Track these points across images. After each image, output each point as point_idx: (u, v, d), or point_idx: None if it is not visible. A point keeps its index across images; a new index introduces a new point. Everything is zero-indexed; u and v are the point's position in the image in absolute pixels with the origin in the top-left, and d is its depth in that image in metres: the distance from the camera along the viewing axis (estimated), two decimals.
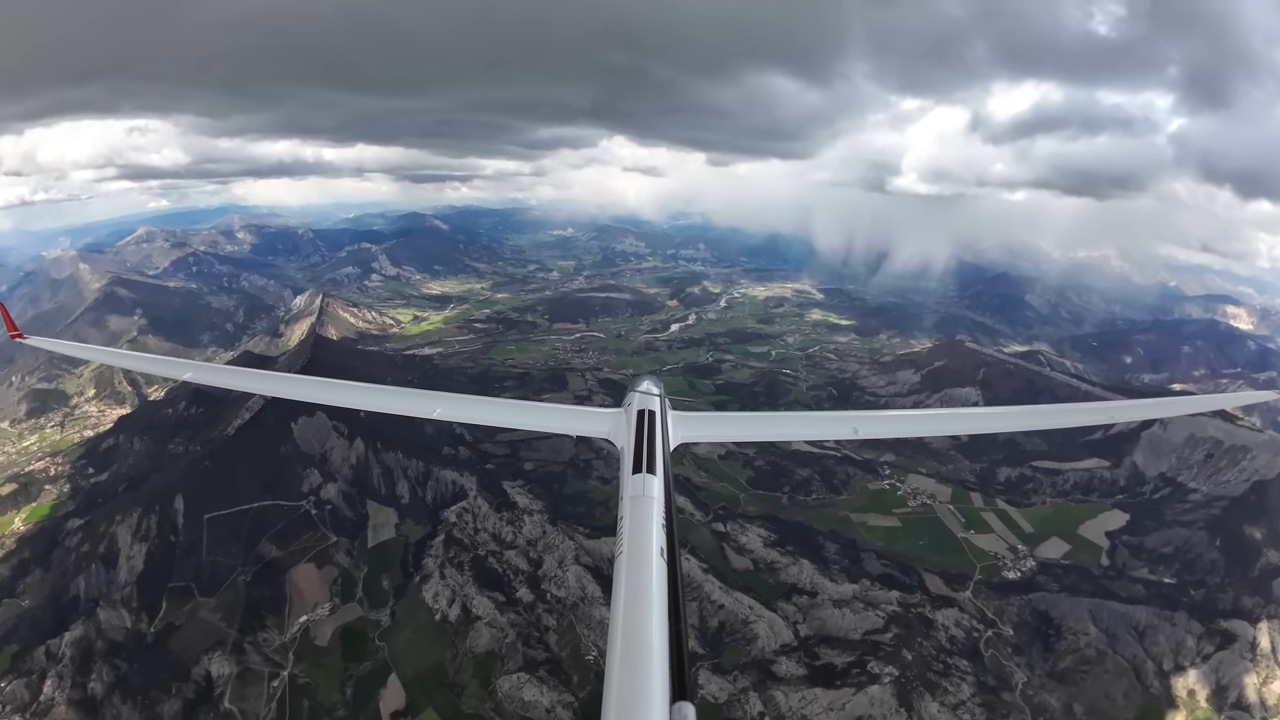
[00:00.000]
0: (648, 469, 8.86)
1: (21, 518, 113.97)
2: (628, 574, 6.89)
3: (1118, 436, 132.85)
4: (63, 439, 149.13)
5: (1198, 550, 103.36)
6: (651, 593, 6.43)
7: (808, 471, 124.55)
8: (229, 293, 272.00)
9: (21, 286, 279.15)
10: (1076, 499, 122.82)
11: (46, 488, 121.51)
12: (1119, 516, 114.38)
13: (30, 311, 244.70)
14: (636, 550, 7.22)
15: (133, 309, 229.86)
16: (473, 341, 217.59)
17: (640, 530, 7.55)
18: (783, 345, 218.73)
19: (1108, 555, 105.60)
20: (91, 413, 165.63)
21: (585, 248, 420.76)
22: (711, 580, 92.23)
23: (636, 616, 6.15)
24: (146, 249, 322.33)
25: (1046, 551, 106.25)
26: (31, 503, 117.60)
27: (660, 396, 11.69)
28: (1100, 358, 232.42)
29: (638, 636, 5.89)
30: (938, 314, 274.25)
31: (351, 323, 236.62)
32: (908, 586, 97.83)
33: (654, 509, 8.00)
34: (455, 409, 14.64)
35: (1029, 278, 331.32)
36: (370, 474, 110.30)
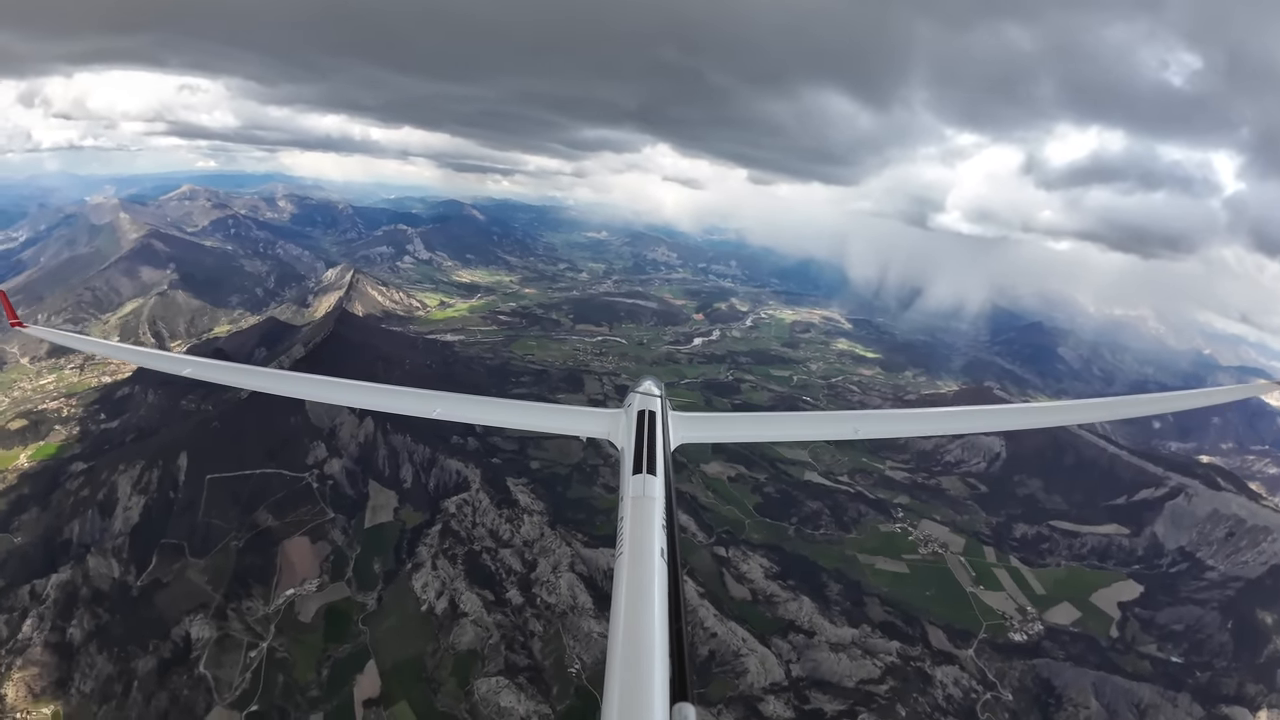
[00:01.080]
0: (648, 469, 8.78)
1: (27, 454, 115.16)
2: (628, 574, 6.80)
3: (1141, 504, 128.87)
4: (80, 382, 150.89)
5: (1208, 631, 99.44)
6: (652, 594, 6.36)
7: (818, 504, 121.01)
8: (263, 258, 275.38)
9: (60, 228, 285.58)
10: (1092, 564, 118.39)
11: (56, 428, 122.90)
12: (1133, 588, 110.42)
13: (66, 253, 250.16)
14: (637, 551, 7.15)
15: (166, 262, 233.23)
16: (495, 333, 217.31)
17: (641, 531, 7.48)
18: (805, 371, 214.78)
19: (1118, 627, 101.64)
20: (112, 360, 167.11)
21: (617, 252, 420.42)
22: (707, 606, 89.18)
23: (637, 617, 6.08)
24: (188, 206, 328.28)
25: (1056, 616, 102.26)
26: (39, 441, 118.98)
27: (661, 397, 11.56)
28: (1128, 420, 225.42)
29: (638, 637, 5.82)
30: (967, 357, 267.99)
31: (379, 301, 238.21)
32: (909, 638, 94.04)
33: (655, 510, 7.91)
34: (455, 409, 14.42)
35: (1063, 330, 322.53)
36: (376, 454, 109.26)
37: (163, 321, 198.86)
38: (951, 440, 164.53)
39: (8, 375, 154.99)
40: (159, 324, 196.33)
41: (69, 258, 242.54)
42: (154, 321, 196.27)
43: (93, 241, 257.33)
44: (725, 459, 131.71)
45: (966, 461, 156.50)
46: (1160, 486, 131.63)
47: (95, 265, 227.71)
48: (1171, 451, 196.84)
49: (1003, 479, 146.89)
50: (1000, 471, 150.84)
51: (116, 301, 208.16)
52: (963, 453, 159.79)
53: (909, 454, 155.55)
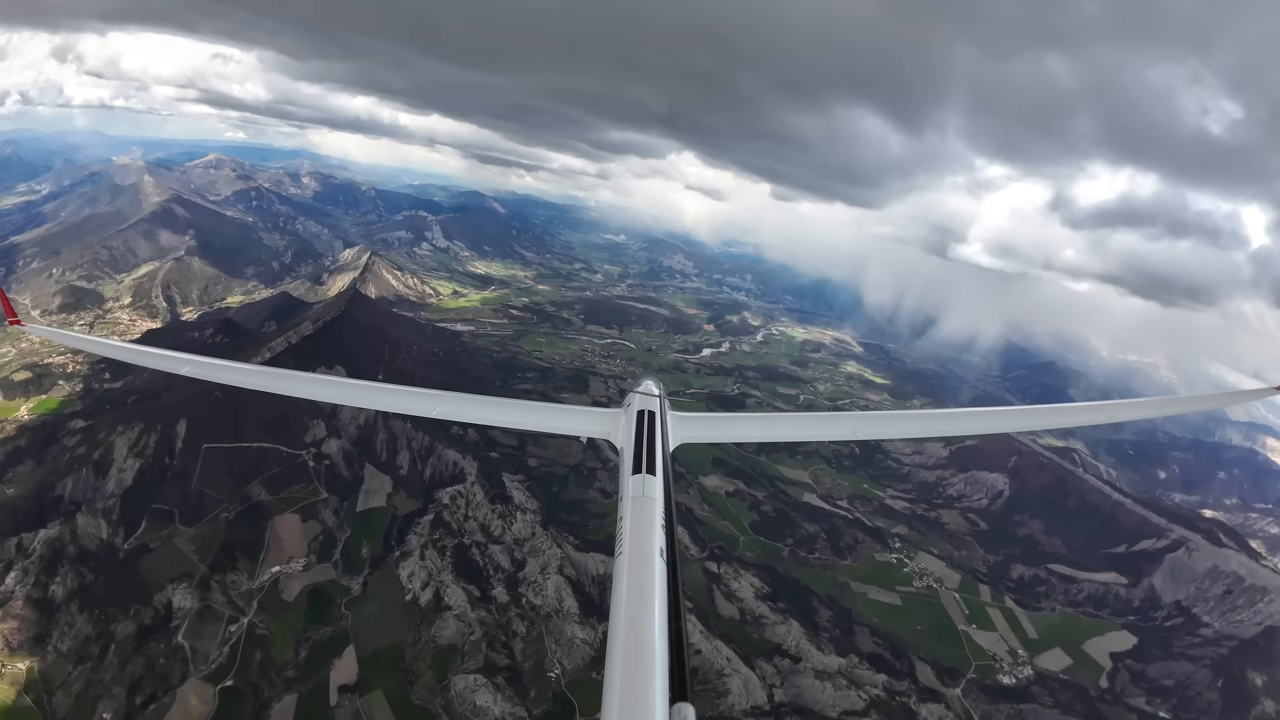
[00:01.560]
0: (648, 469, 8.75)
1: (28, 406, 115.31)
2: (628, 574, 6.75)
3: (1141, 554, 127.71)
4: None
5: (1198, 688, 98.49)
6: (652, 594, 6.32)
7: (815, 527, 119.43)
8: (282, 232, 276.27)
9: (84, 184, 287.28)
10: (1087, 612, 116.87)
11: (60, 383, 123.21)
12: (1127, 639, 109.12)
13: (86, 210, 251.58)
14: (637, 551, 7.10)
15: (186, 228, 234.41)
16: (505, 326, 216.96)
17: (641, 531, 7.43)
18: (813, 391, 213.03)
19: (1108, 678, 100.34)
20: (123, 320, 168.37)
21: (633, 256, 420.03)
22: (694, 622, 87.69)
23: (637, 617, 6.02)
24: (213, 175, 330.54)
25: (1046, 662, 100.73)
26: (41, 394, 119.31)
27: (660, 397, 11.52)
28: (1134, 467, 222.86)
29: (638, 637, 5.76)
30: (976, 390, 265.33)
31: (393, 284, 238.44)
32: (897, 671, 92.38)
33: (655, 510, 7.88)
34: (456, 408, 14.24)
35: (1076, 371, 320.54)
36: (375, 438, 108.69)
37: (176, 287, 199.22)
38: (954, 473, 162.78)
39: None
40: (172, 289, 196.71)
41: (89, 214, 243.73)
42: (168, 286, 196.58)
43: (115, 201, 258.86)
44: (724, 473, 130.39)
45: (968, 496, 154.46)
46: (1162, 538, 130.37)
47: (115, 225, 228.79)
48: (1175, 503, 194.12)
49: (1004, 517, 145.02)
50: (1002, 509, 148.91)
51: (133, 262, 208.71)
52: (965, 487, 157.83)
53: (911, 484, 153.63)
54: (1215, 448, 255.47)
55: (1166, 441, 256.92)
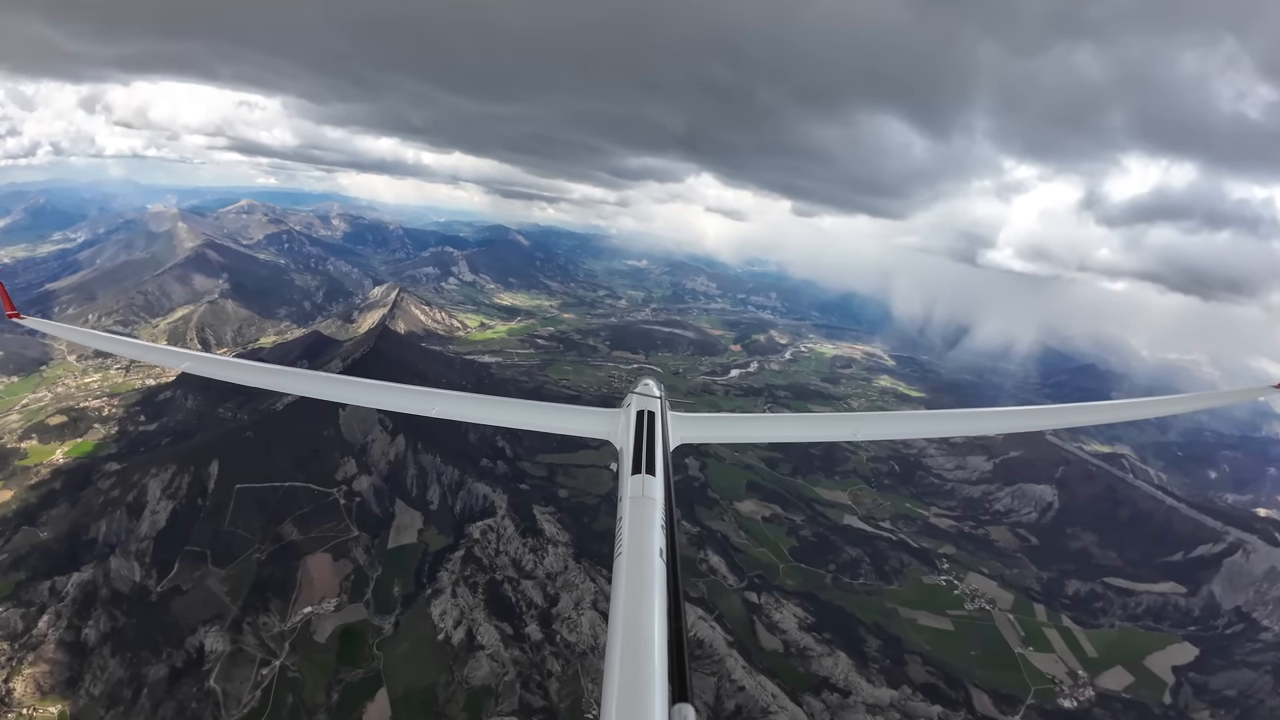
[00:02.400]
0: (647, 470, 8.66)
1: (64, 450, 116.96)
2: (627, 575, 6.70)
3: (1197, 561, 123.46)
4: (124, 383, 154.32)
5: (1260, 696, 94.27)
6: (652, 594, 6.27)
7: (857, 551, 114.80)
8: (313, 273, 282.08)
9: (119, 232, 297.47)
10: (1147, 625, 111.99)
11: (95, 426, 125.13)
12: (1188, 650, 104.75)
13: (122, 256, 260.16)
14: (636, 551, 7.03)
15: (219, 272, 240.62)
16: (532, 356, 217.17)
17: (640, 531, 7.33)
18: (846, 408, 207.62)
19: (1171, 693, 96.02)
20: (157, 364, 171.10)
21: (656, 281, 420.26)
22: (735, 656, 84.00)
23: (636, 618, 6.00)
24: (245, 220, 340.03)
25: (1108, 681, 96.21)
26: (77, 438, 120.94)
27: (660, 398, 11.45)
28: (1183, 470, 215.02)
29: (637, 638, 5.75)
30: (1015, 399, 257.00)
31: (421, 319, 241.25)
32: (952, 701, 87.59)
33: (654, 510, 7.75)
34: (454, 407, 14.29)
35: (1117, 374, 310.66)
36: (405, 473, 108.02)
37: (210, 329, 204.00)
38: (1000, 487, 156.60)
39: (53, 371, 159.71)
40: (207, 331, 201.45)
41: (125, 261, 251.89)
42: (202, 328, 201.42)
43: (149, 247, 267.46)
44: (760, 497, 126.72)
45: (1016, 510, 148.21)
46: (1218, 542, 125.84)
47: (149, 270, 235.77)
48: (1228, 504, 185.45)
49: (1054, 531, 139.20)
50: (1052, 523, 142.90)
51: (168, 306, 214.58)
52: (1012, 501, 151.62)
53: (955, 500, 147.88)
54: (1264, 443, 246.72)
55: (1214, 440, 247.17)
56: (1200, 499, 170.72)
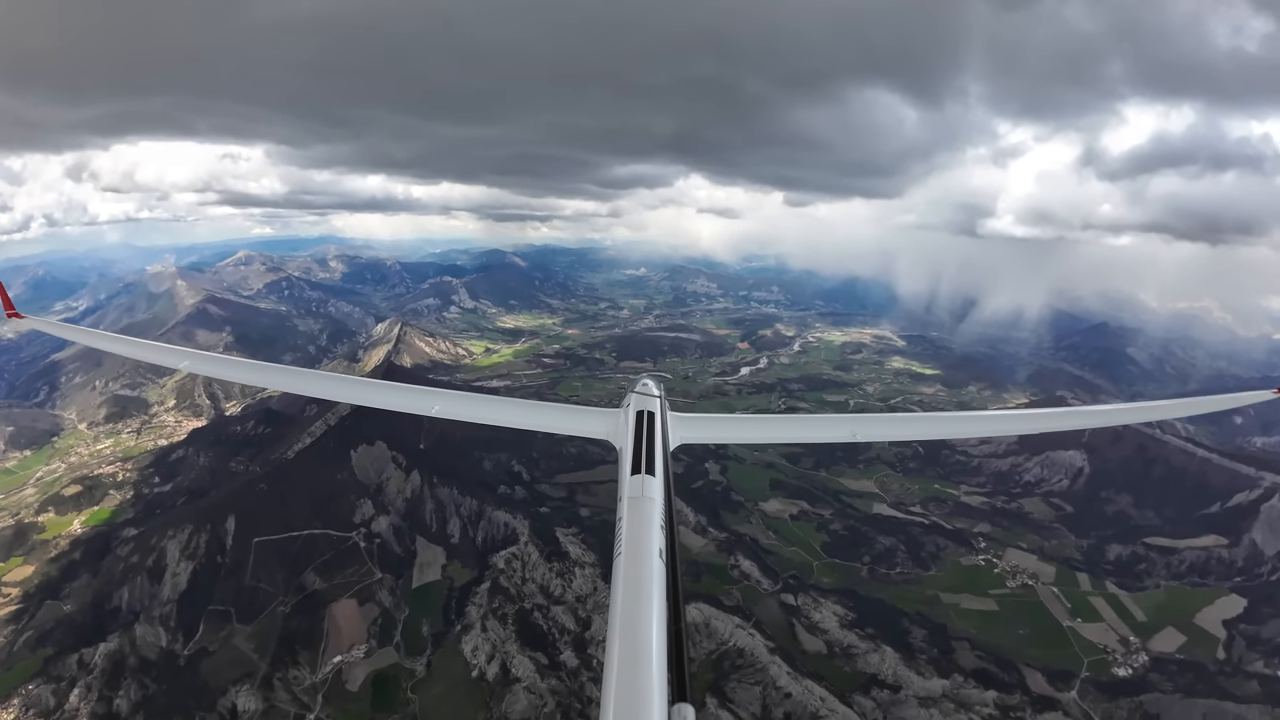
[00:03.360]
0: (647, 470, 8.60)
1: (81, 520, 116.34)
2: (627, 575, 6.71)
3: (1235, 511, 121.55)
4: (137, 445, 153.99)
5: None
6: (650, 595, 6.26)
7: (891, 540, 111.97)
8: (315, 317, 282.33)
9: (120, 296, 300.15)
10: (1193, 582, 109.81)
11: (111, 493, 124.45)
12: (1236, 602, 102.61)
13: (125, 319, 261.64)
14: (635, 552, 7.03)
15: (222, 325, 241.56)
16: (540, 376, 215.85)
17: (639, 532, 7.33)
18: (862, 395, 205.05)
19: (1224, 648, 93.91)
20: (169, 422, 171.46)
21: (657, 287, 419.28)
22: (778, 663, 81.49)
23: (635, 618, 6.00)
24: (244, 271, 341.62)
25: (1160, 644, 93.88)
26: (94, 506, 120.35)
27: (660, 397, 11.48)
28: (1209, 419, 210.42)
29: (636, 638, 5.75)
30: (1031, 366, 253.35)
31: (426, 351, 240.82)
32: (1006, 685, 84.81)
33: (653, 510, 7.72)
34: (454, 406, 14.47)
35: (1131, 329, 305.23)
36: (423, 509, 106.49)
37: (218, 383, 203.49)
38: (1028, 458, 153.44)
39: (65, 441, 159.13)
40: (214, 386, 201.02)
41: (127, 324, 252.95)
42: (209, 383, 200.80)
43: (151, 308, 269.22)
44: (785, 495, 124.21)
45: (1047, 480, 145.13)
46: (1254, 489, 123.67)
47: (153, 331, 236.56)
48: (1258, 449, 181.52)
49: (1089, 497, 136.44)
50: (1085, 489, 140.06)
51: None
52: (1043, 471, 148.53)
53: (984, 476, 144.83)
54: None
55: (1236, 385, 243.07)
56: (1231, 447, 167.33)
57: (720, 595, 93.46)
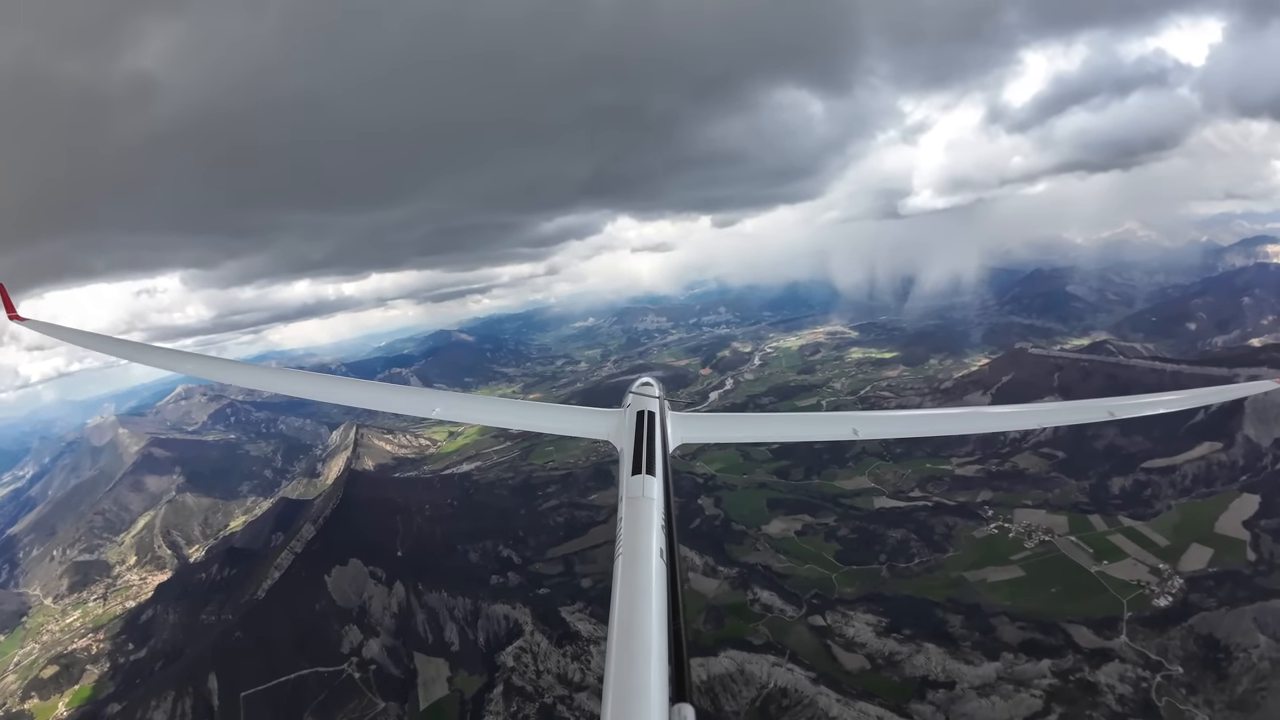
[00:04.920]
0: (647, 470, 8.43)
1: (65, 702, 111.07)
2: (627, 576, 6.54)
3: (1220, 413, 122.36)
4: (105, 612, 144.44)
5: None
6: (650, 595, 6.16)
7: (901, 532, 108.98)
8: (266, 438, 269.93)
9: (63, 457, 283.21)
10: (1201, 494, 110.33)
11: (88, 668, 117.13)
12: (1250, 502, 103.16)
13: (72, 481, 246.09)
14: (636, 552, 6.86)
15: (171, 467, 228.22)
16: (510, 449, 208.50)
17: (639, 532, 7.21)
18: (831, 392, 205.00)
19: (1252, 549, 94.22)
20: (133, 581, 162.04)
21: (609, 334, 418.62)
22: (825, 692, 76.52)
23: (634, 619, 5.85)
24: (185, 405, 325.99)
25: (1190, 563, 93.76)
26: (74, 685, 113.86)
27: (660, 398, 11.37)
28: (1165, 333, 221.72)
29: (636, 639, 5.61)
30: (982, 326, 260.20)
31: (387, 450, 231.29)
32: (1055, 649, 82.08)
33: (653, 510, 7.58)
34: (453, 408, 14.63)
35: (1063, 269, 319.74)
36: (414, 621, 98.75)
37: (176, 529, 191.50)
38: None
39: (35, 620, 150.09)
40: (173, 533, 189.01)
41: (75, 485, 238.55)
42: (167, 531, 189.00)
43: (96, 463, 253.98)
44: (785, 513, 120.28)
45: (1033, 432, 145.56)
46: None
47: (101, 487, 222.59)
48: (1221, 349, 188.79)
49: (1077, 438, 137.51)
50: (1070, 432, 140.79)
51: (128, 519, 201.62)
52: None
53: (970, 444, 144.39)
54: (1226, 279, 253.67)
55: (1179, 295, 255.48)
56: (1194, 354, 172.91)
57: (747, 636, 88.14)
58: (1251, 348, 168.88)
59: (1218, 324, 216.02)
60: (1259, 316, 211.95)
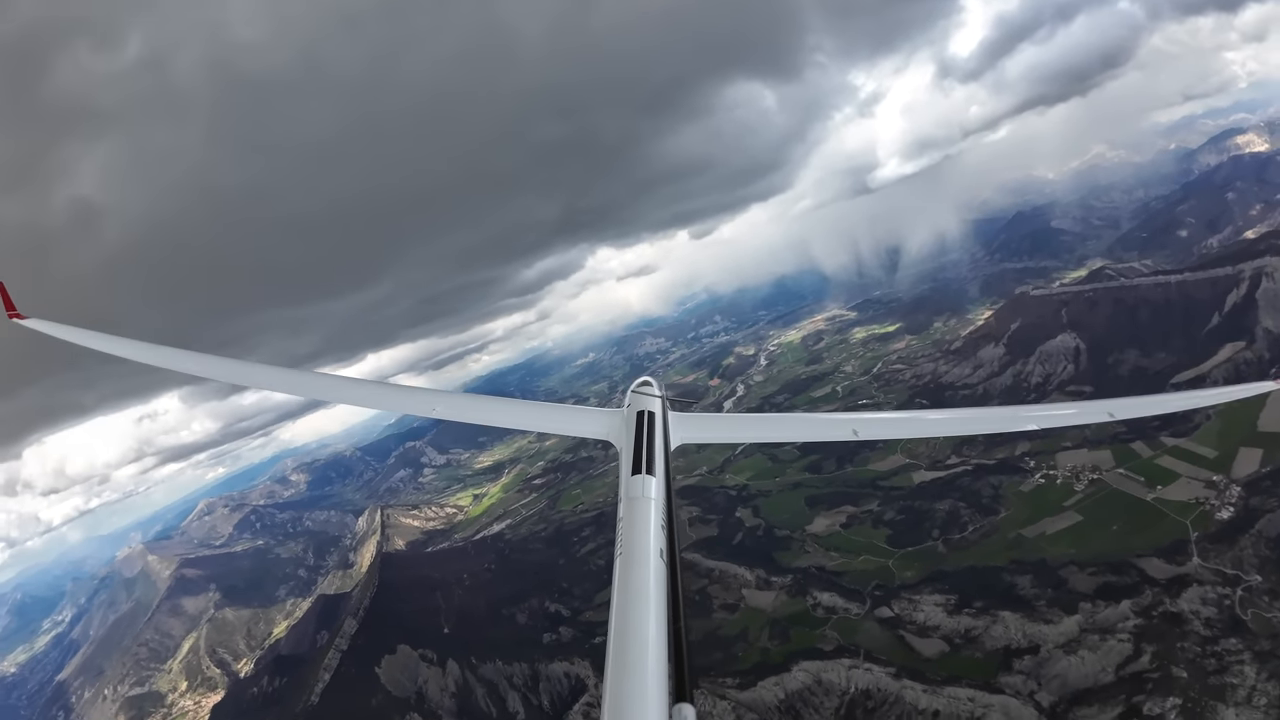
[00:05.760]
0: (647, 470, 8.43)
1: None
2: (627, 576, 6.53)
3: (1233, 313, 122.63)
4: None
5: None
6: (648, 595, 6.16)
7: (948, 503, 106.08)
8: (294, 538, 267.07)
9: (99, 593, 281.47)
10: None
11: None
12: None
13: (111, 616, 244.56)
14: (636, 552, 6.84)
15: (205, 585, 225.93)
16: (537, 500, 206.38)
17: (639, 532, 7.19)
18: (845, 377, 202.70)
19: None
20: (188, 707, 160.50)
21: (612, 365, 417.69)
22: (909, 685, 73.36)
23: (634, 619, 5.84)
24: (209, 521, 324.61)
25: (1242, 468, 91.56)
26: None
27: (660, 397, 11.28)
28: (1159, 245, 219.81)
29: (638, 639, 5.60)
30: (978, 280, 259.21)
31: (416, 525, 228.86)
32: (1131, 588, 79.52)
33: (652, 510, 7.56)
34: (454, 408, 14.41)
35: (1043, 206, 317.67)
36: (474, 697, 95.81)
37: (221, 647, 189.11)
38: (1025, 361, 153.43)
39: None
40: (219, 650, 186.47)
41: (114, 620, 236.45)
42: (213, 650, 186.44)
43: (132, 595, 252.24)
44: (826, 508, 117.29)
45: (1053, 373, 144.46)
46: (1239, 284, 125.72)
47: (140, 617, 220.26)
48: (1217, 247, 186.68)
49: (1099, 369, 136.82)
50: (1090, 363, 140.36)
51: (172, 645, 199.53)
52: (1044, 366, 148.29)
53: (994, 398, 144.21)
54: (1205, 179, 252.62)
55: (1163, 206, 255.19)
56: (1193, 260, 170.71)
57: (816, 643, 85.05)
58: (1248, 240, 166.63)
59: (1208, 225, 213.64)
60: (1246, 209, 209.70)
